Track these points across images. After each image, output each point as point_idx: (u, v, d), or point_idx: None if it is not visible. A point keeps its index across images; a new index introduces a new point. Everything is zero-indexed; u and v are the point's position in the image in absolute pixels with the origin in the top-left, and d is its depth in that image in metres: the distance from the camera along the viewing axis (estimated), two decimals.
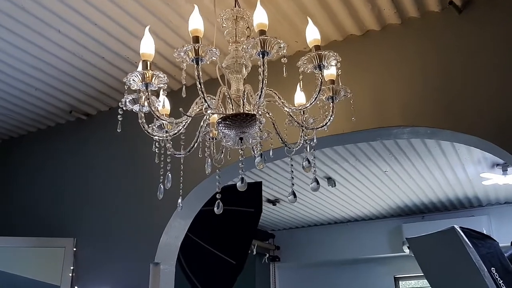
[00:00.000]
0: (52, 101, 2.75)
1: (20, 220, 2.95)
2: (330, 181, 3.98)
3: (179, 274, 2.61)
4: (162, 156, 1.54)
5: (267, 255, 5.78)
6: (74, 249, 2.62)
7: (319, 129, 1.45)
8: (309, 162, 1.38)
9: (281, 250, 5.90)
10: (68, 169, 2.90)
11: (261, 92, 1.23)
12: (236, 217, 3.10)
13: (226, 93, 1.39)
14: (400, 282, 5.56)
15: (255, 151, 1.53)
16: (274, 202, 4.63)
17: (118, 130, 1.43)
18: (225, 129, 1.36)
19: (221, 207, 1.51)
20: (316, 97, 1.31)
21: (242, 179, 1.42)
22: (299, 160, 3.49)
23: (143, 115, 1.42)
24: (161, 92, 1.50)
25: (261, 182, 3.35)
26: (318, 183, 1.37)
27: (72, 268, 2.58)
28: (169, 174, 1.46)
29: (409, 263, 5.27)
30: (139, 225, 2.49)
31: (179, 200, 1.54)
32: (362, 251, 5.39)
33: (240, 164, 1.39)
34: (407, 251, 4.99)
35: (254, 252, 5.18)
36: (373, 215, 5.22)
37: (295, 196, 1.44)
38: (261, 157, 1.48)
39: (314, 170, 1.41)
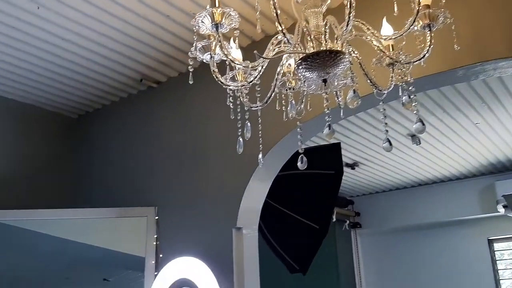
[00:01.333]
0: (123, 71, 2.73)
1: (101, 192, 3.00)
2: (414, 138, 3.71)
3: (261, 241, 2.52)
4: (239, 110, 1.42)
5: (347, 221, 5.61)
6: (156, 217, 2.61)
7: (416, 62, 1.25)
8: (409, 96, 1.18)
9: (361, 216, 5.70)
10: (144, 138, 2.89)
11: (349, 18, 1.05)
12: (316, 181, 2.97)
13: (304, 29, 1.23)
14: (494, 244, 5.17)
15: (339, 98, 1.36)
16: (352, 166, 4.42)
17: (190, 82, 1.32)
18: (306, 71, 1.20)
19: (305, 161, 1.37)
20: (413, 21, 1.12)
21: (329, 126, 1.26)
22: (376, 115, 3.27)
23: (215, 63, 1.29)
24: (232, 39, 1.37)
25: (339, 143, 3.16)
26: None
27: (155, 236, 2.57)
28: (248, 123, 1.33)
29: (504, 223, 4.90)
30: (218, 190, 2.42)
31: (260, 156, 1.42)
32: (450, 214, 5.06)
33: (326, 109, 1.23)
34: (501, 210, 4.62)
35: (334, 219, 5.02)
36: (462, 174, 4.85)
37: (390, 143, 1.26)
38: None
39: (417, 110, 1.22)
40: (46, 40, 2.40)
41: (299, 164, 1.36)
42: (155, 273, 2.45)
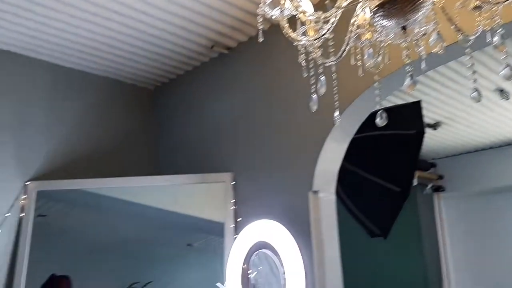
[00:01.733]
0: (194, 39, 2.75)
1: (180, 159, 3.09)
2: (503, 93, 3.42)
3: (338, 206, 2.47)
4: (312, 67, 1.36)
5: (430, 185, 5.38)
6: (233, 183, 2.64)
7: (506, 3, 1.11)
8: (502, 37, 1.06)
9: (445, 180, 5.44)
10: (218, 105, 2.91)
11: None
12: (395, 142, 2.84)
13: None
14: None
15: (421, 48, 1.26)
16: (434, 126, 4.18)
17: (260, 40, 1.27)
18: (383, 19, 1.11)
19: (385, 117, 1.29)
20: None
21: (411, 76, 1.17)
22: (459, 69, 3.03)
23: (285, 18, 1.24)
24: None
25: (420, 101, 2.99)
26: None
27: (233, 201, 2.61)
28: (322, 77, 1.27)
29: None
30: (293, 153, 2.39)
31: (335, 113, 1.36)
32: None
33: (406, 59, 1.15)
34: None
35: (415, 183, 4.83)
36: None
37: (479, 93, 1.15)
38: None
39: (506, 54, 1.10)
40: (122, 13, 2.46)
41: (377, 120, 1.28)
42: (234, 236, 2.50)
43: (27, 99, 2.83)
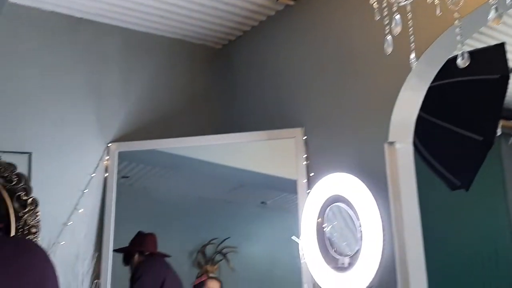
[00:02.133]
0: None
1: (249, 116, 3.09)
2: None
3: (416, 158, 2.36)
4: (385, 8, 1.28)
5: None
6: (304, 137, 2.61)
7: None
8: None
9: None
10: (286, 59, 2.86)
11: None
12: (477, 88, 2.65)
13: None
14: None
15: None
16: None
17: None
18: None
19: (467, 57, 1.20)
20: None
21: (496, 8, 1.07)
22: None
23: None
24: None
25: (503, 43, 2.75)
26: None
27: (305, 156, 2.59)
28: (397, 16, 1.19)
29: None
30: (367, 103, 2.30)
31: (412, 55, 1.27)
32: None
33: None
34: None
35: (499, 132, 4.52)
36: None
37: None
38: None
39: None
40: None
41: (459, 61, 1.20)
42: (308, 191, 2.49)
43: (102, 66, 2.94)
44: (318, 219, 2.34)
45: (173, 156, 2.98)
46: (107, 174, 2.80)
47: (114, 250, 2.72)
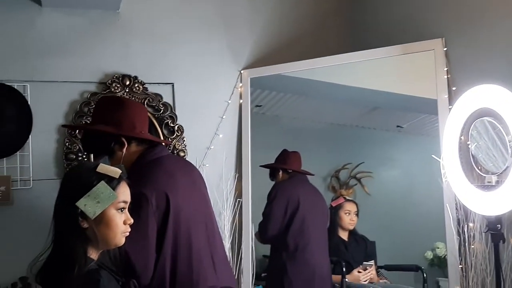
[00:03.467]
0: None
1: (378, 31, 2.94)
2: None
3: None
4: None
5: None
6: (445, 49, 2.40)
7: None
8: None
9: None
10: None
11: None
12: None
13: None
14: None
15: None
16: None
17: None
18: None
19: None
20: None
21: None
22: None
23: None
24: None
25: None
26: None
27: (445, 69, 2.40)
28: None
29: None
30: None
31: None
32: None
33: None
34: None
35: None
36: None
37: None
38: None
39: None
40: None
41: None
42: (449, 107, 2.32)
43: None
44: (461, 136, 2.18)
45: (304, 81, 2.97)
46: (241, 101, 2.93)
47: (260, 166, 2.89)
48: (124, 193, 1.38)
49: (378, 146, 3.00)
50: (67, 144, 2.59)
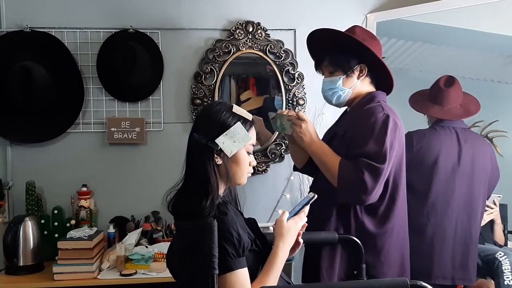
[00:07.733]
0: None
1: None
2: None
3: None
4: None
5: None
6: None
7: None
8: None
9: None
10: None
11: None
12: None
13: None
14: None
15: None
16: None
17: None
18: None
19: None
20: None
21: None
22: None
23: None
24: None
25: None
26: None
27: None
28: None
29: None
30: None
31: None
32: None
33: None
34: None
35: None
36: None
37: None
38: None
39: None
40: None
41: None
42: None
43: None
44: None
45: (434, 28, 2.75)
46: None
47: None
48: (254, 136, 1.43)
49: None
50: (193, 89, 2.72)
